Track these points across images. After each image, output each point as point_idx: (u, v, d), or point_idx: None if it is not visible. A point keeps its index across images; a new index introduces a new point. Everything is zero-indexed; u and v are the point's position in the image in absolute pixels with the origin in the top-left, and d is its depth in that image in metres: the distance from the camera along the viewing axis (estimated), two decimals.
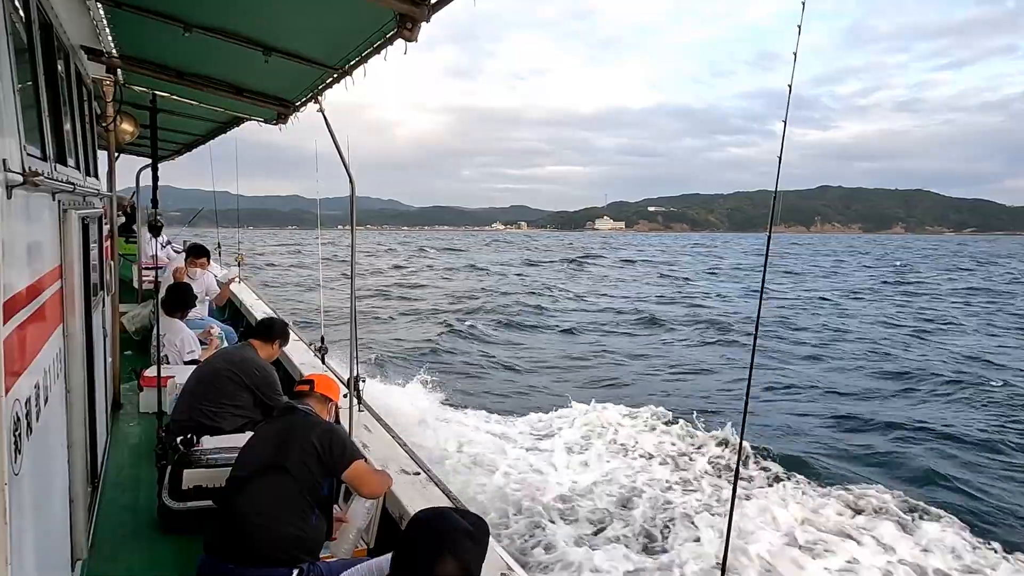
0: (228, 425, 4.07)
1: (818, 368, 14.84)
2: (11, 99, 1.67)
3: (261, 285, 25.71)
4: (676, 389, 12.80)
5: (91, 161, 4.41)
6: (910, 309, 25.97)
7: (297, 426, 2.95)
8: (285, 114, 4.97)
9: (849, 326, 20.81)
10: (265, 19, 3.13)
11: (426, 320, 21.31)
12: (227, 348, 4.69)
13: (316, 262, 35.73)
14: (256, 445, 2.99)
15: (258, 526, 2.69)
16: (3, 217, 1.42)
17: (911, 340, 18.33)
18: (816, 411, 11.32)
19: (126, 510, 3.91)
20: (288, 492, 2.77)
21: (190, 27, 3.25)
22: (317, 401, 3.21)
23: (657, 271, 47.81)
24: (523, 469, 7.69)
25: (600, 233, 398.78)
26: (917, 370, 14.09)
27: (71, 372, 2.63)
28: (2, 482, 1.39)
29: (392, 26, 2.67)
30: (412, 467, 3.81)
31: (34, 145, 2.09)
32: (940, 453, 9.19)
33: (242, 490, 2.80)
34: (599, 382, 13.32)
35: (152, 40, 3.85)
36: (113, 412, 5.30)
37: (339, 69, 3.59)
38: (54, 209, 2.44)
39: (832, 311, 25.03)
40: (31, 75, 2.23)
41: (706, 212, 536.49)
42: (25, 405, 1.68)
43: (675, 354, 16.74)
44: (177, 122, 6.86)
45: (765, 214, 2.18)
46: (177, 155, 10.48)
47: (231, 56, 3.72)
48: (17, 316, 1.61)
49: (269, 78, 4.25)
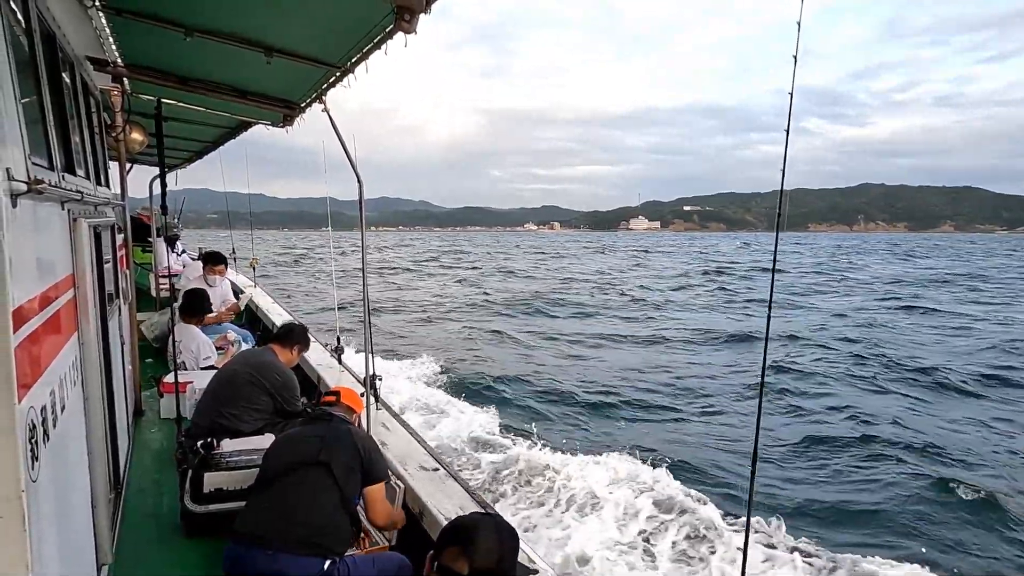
0: (248, 427, 4.10)
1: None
2: (14, 109, 1.67)
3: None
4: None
5: (102, 171, 4.45)
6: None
7: (342, 432, 3.02)
8: (291, 116, 4.99)
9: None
10: (263, 19, 3.12)
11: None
12: (248, 351, 4.73)
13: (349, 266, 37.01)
14: (296, 442, 3.02)
15: (297, 511, 2.74)
16: (9, 226, 1.42)
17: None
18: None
19: (149, 515, 3.95)
20: (329, 487, 2.82)
21: (191, 31, 3.25)
22: (344, 412, 3.34)
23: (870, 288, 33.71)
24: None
25: (635, 233, 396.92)
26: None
27: (88, 380, 2.65)
28: (19, 489, 1.40)
29: (391, 19, 2.65)
30: (431, 463, 3.82)
31: (40, 155, 2.10)
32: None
33: (281, 479, 2.84)
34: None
35: (155, 47, 3.87)
36: (135, 419, 5.36)
37: (341, 67, 3.58)
38: (64, 218, 2.45)
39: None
40: (35, 86, 2.24)
41: (743, 211, 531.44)
42: (41, 413, 1.69)
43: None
44: (185, 129, 6.90)
45: (804, 212, 2.13)
46: (188, 163, 10.55)
47: (233, 59, 3.73)
48: (27, 325, 1.62)
49: (272, 80, 4.25)
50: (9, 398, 1.38)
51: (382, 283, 35.11)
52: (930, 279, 39.23)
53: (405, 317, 22.03)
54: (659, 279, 40.40)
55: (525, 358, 15.52)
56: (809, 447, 9.36)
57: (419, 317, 22.13)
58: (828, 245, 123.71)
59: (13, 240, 1.45)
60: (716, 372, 14.19)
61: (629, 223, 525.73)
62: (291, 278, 36.70)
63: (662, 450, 8.87)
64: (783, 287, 32.70)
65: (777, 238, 2.08)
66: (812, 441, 9.54)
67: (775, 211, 2.11)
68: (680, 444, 9.44)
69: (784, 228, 2.04)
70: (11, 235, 1.43)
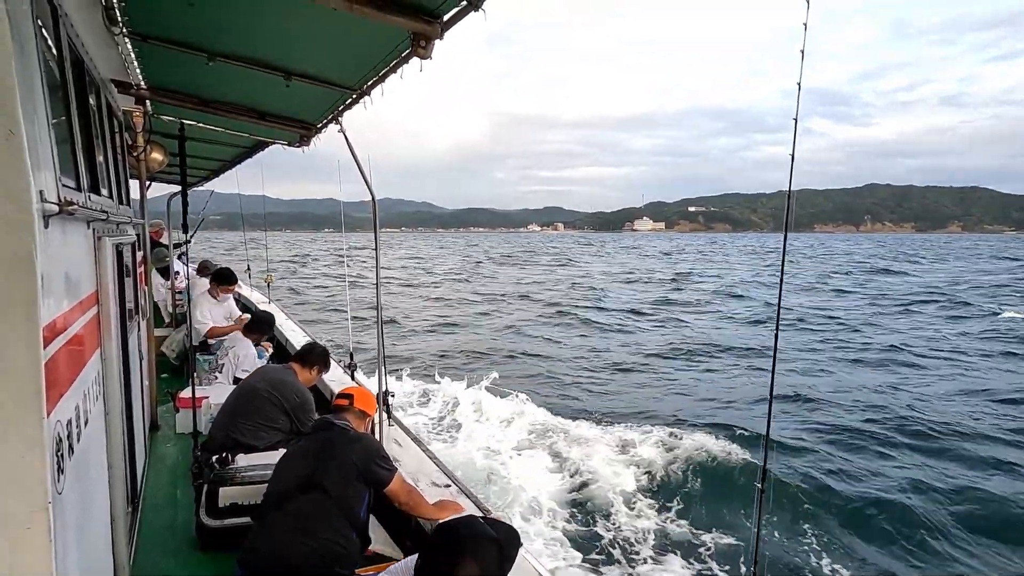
0: (262, 443, 4.14)
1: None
2: (46, 132, 1.74)
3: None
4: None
5: (123, 190, 4.55)
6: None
7: (336, 443, 2.98)
8: (308, 136, 5.08)
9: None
10: (285, 45, 3.21)
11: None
12: (269, 368, 4.78)
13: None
14: (293, 461, 3.02)
15: (295, 543, 2.72)
16: (42, 246, 1.48)
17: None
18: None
19: (165, 529, 3.99)
20: (326, 510, 2.79)
21: (213, 56, 3.35)
22: (355, 416, 3.26)
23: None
24: None
25: (640, 234, 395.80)
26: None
27: (109, 394, 2.71)
28: (46, 501, 1.44)
29: (407, 45, 2.72)
30: (443, 479, 3.83)
31: (69, 176, 2.17)
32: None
33: (280, 507, 2.83)
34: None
35: (178, 71, 3.98)
36: (151, 433, 5.42)
37: (357, 89, 3.67)
38: (89, 237, 2.53)
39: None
40: (64, 109, 2.32)
41: (749, 212, 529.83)
42: (67, 427, 1.74)
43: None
44: (204, 149, 7.05)
45: (811, 213, 2.17)
46: (205, 181, 10.74)
47: (253, 82, 3.83)
48: (56, 341, 1.68)
49: (291, 102, 4.35)
50: (39, 411, 1.43)
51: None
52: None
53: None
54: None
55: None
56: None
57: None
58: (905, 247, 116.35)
59: (44, 259, 1.51)
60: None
61: (634, 224, 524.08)
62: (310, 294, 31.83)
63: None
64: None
65: (785, 239, 2.10)
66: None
67: (781, 212, 2.14)
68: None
69: (792, 228, 2.06)
70: (43, 254, 1.49)
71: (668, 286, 37.69)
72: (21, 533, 1.41)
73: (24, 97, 1.46)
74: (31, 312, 1.43)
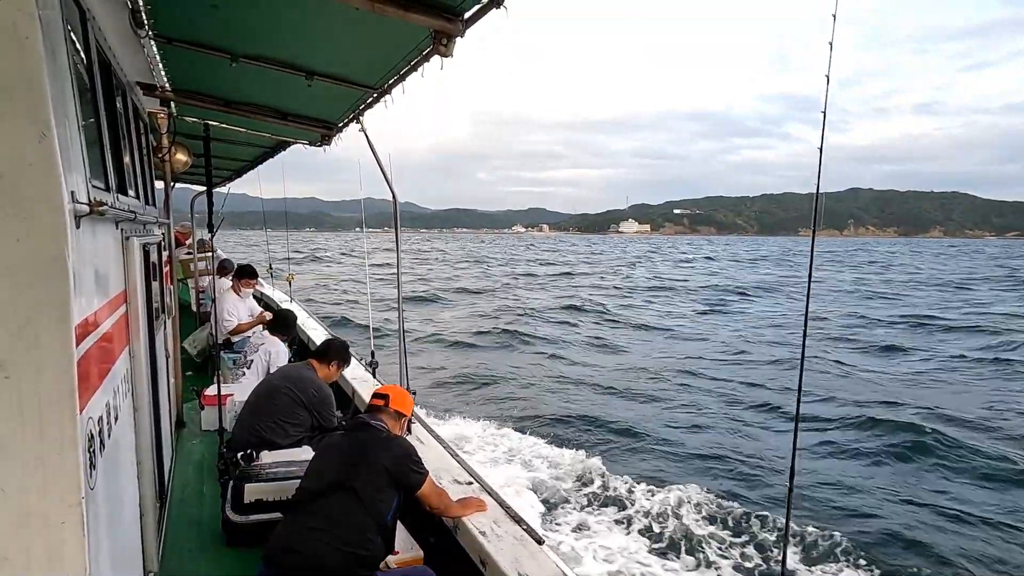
0: (285, 440, 4.19)
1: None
2: (76, 135, 1.77)
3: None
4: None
5: (149, 191, 4.63)
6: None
7: (369, 445, 2.97)
8: (329, 136, 5.12)
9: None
10: (306, 45, 3.23)
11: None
12: (289, 366, 4.83)
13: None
14: (327, 458, 3.02)
15: (320, 542, 2.73)
16: (73, 246, 1.50)
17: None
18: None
19: (192, 524, 4.05)
20: (354, 512, 2.80)
21: (236, 58, 3.38)
22: (390, 417, 3.19)
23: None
24: None
25: (626, 236, 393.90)
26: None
27: (138, 392, 2.75)
28: (79, 496, 1.47)
29: (428, 43, 2.73)
30: (465, 477, 3.84)
31: (98, 178, 2.21)
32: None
33: (309, 506, 2.84)
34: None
35: (202, 72, 4.03)
36: (176, 431, 5.51)
37: (378, 88, 3.68)
38: (117, 237, 2.57)
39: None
40: (93, 112, 2.36)
41: (733, 215, 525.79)
42: (98, 423, 1.78)
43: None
44: (227, 149, 7.13)
45: (794, 217, 2.15)
46: (228, 182, 10.87)
47: (276, 83, 3.86)
48: (88, 339, 1.71)
49: (312, 102, 4.38)
50: (72, 408, 1.46)
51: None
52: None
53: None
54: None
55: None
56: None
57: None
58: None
59: (76, 259, 1.54)
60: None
61: (619, 226, 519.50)
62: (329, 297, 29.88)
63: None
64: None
65: (814, 240, 2.07)
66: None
67: (765, 215, 2.11)
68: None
69: (778, 231, 2.03)
70: (74, 254, 1.51)
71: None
72: (56, 527, 1.44)
73: (56, 100, 1.48)
74: (64, 311, 1.45)
